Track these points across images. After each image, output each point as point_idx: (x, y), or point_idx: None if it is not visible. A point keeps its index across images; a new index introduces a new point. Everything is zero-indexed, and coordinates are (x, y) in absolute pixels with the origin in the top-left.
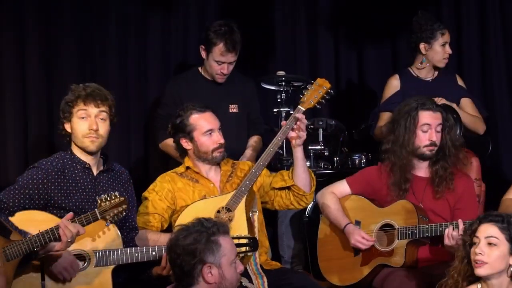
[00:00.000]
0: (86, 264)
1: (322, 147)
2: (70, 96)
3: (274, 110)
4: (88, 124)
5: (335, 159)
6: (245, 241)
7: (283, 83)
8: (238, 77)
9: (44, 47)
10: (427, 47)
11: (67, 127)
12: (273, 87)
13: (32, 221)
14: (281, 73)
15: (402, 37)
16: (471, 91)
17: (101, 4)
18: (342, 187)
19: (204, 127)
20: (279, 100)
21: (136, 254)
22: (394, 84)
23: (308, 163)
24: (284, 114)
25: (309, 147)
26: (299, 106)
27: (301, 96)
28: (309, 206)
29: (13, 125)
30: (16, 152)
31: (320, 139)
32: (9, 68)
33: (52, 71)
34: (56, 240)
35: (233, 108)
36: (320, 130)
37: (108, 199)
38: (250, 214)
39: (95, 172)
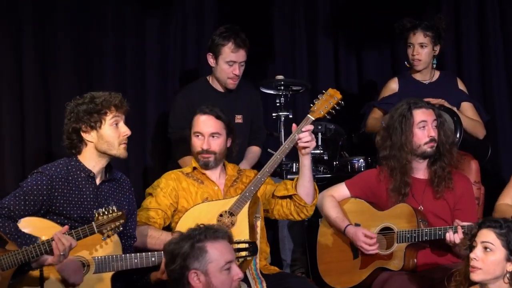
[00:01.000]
0: (85, 270)
1: (321, 151)
2: (99, 103)
3: (273, 114)
4: (123, 131)
5: (334, 163)
6: (244, 245)
7: (282, 87)
8: (244, 86)
9: (41, 52)
10: (431, 46)
11: (90, 136)
12: (272, 91)
13: (32, 228)
14: (280, 77)
15: (401, 40)
16: (470, 93)
17: (97, 6)
18: (341, 190)
19: (194, 127)
20: (278, 104)
21: (136, 260)
22: (391, 87)
23: None
24: (283, 118)
25: None
26: (308, 115)
27: (311, 105)
28: None
29: (10, 133)
30: (13, 160)
31: (319, 143)
32: (5, 75)
33: (48, 77)
34: (51, 253)
35: (238, 119)
36: (319, 134)
37: (106, 213)
38: (253, 220)
39: (98, 181)
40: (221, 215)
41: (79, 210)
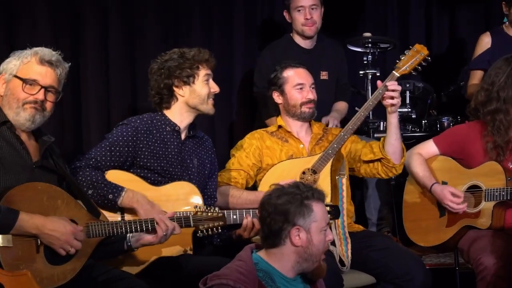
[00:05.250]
0: None
1: (409, 109)
2: (191, 58)
3: (360, 72)
4: (213, 87)
5: (423, 121)
6: (327, 208)
7: (370, 45)
8: (328, 43)
9: (127, 7)
10: (506, 8)
11: (182, 91)
12: (359, 49)
13: (117, 181)
14: (367, 34)
15: None
16: None
17: None
18: (429, 147)
19: (295, 80)
20: (365, 62)
21: None
22: (485, 41)
23: None
24: (370, 76)
25: None
26: (393, 72)
27: (397, 61)
28: None
29: (95, 90)
30: (99, 117)
31: (407, 101)
32: (90, 32)
33: (134, 35)
34: (148, 232)
35: (324, 75)
36: (407, 92)
37: (206, 210)
38: (338, 177)
39: (183, 136)
40: (304, 173)
41: (162, 163)
